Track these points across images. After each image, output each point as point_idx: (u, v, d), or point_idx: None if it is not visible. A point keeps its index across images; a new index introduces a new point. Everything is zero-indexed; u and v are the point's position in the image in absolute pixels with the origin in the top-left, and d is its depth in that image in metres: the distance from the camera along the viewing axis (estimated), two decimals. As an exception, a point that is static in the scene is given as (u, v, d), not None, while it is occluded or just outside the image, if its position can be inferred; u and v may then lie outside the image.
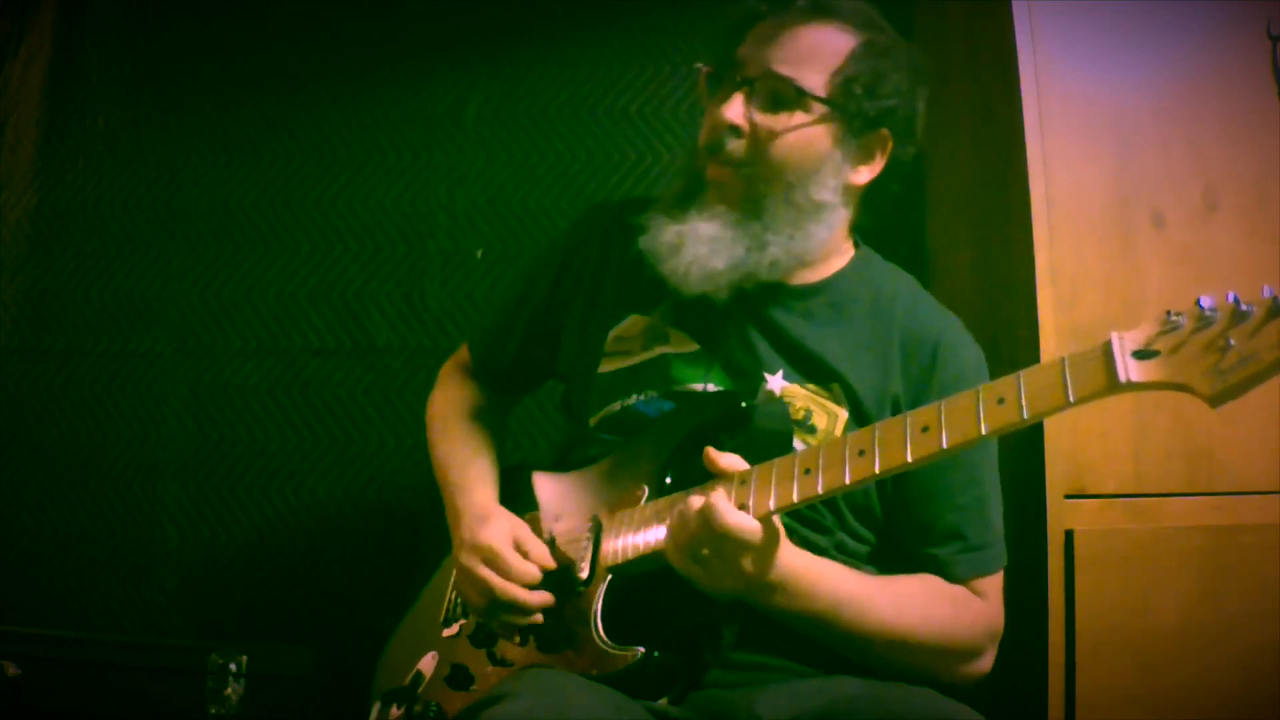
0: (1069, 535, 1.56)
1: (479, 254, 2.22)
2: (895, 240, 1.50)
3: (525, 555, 1.33)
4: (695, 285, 1.36)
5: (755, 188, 1.35)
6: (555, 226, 2.20)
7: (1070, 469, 1.58)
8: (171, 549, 2.24)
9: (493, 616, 1.33)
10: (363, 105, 2.28)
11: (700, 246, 1.34)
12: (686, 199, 1.39)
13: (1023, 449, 1.61)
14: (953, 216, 1.98)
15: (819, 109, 1.33)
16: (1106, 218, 1.63)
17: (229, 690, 1.96)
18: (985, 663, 1.35)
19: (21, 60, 2.39)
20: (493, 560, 1.31)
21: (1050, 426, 1.57)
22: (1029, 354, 1.59)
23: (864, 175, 1.40)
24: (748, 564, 1.17)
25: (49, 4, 2.38)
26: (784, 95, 1.33)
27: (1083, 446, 1.58)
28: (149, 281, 2.32)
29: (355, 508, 2.21)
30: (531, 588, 1.31)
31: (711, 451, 1.24)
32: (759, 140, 1.34)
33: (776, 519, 1.19)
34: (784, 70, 1.32)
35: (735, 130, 1.34)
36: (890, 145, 1.39)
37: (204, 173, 2.32)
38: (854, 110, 1.34)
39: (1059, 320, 1.60)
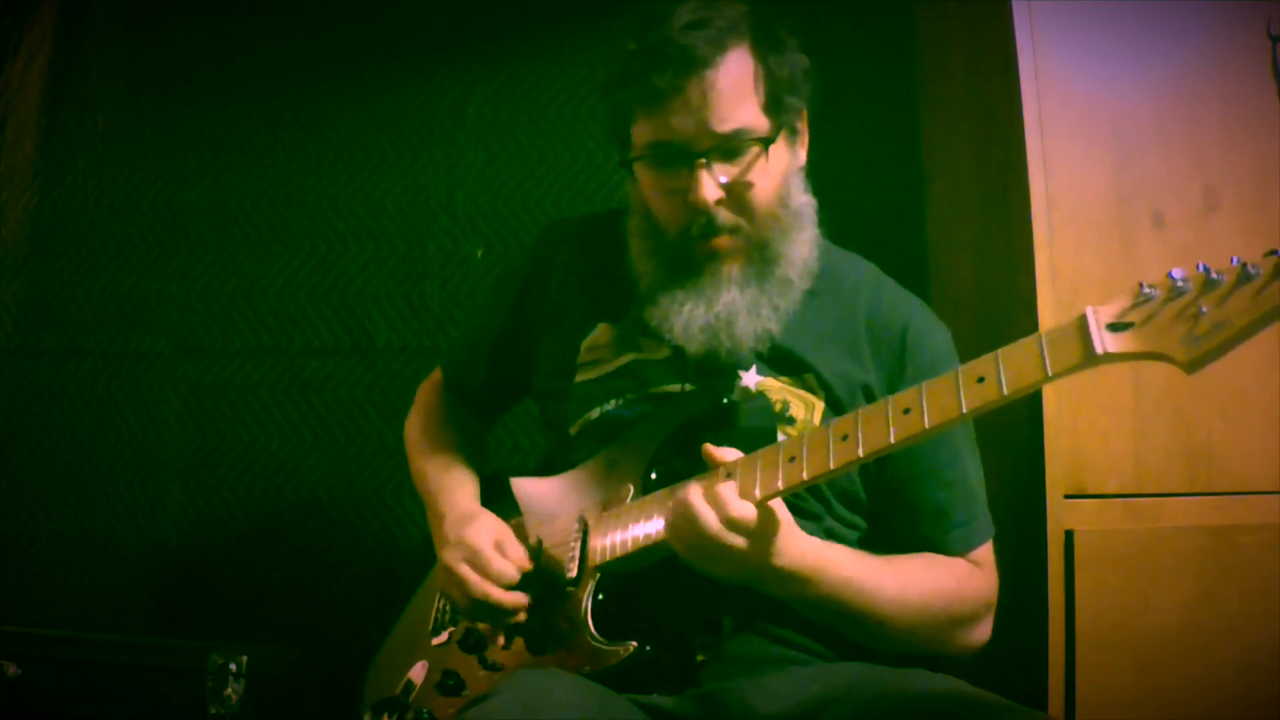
0: (1069, 535, 1.56)
1: (479, 254, 2.23)
2: (895, 240, 1.50)
3: (505, 556, 1.33)
4: (749, 350, 1.36)
5: (758, 235, 1.35)
6: (555, 226, 2.20)
7: (1070, 469, 1.58)
8: (171, 549, 2.24)
9: (474, 616, 1.34)
10: (363, 105, 2.29)
11: (742, 317, 1.34)
12: (684, 277, 1.36)
13: (1023, 449, 1.61)
14: (953, 216, 1.98)
15: (768, 134, 1.33)
16: (1106, 218, 1.63)
17: (229, 690, 1.96)
18: (984, 630, 1.37)
19: (21, 60, 2.39)
20: (474, 559, 1.32)
21: (1050, 426, 1.57)
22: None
23: (803, 155, 1.41)
24: (751, 551, 1.18)
25: (49, 4, 2.39)
26: (738, 148, 1.32)
27: (1083, 446, 1.58)
28: (149, 281, 2.32)
29: (355, 508, 2.21)
30: (512, 589, 1.31)
31: (709, 447, 1.24)
32: (738, 196, 1.33)
33: (780, 507, 1.19)
34: (727, 128, 1.30)
35: (719, 202, 1.32)
36: (805, 111, 1.40)
37: (204, 173, 2.32)
38: (792, 113, 1.36)
39: (1059, 320, 1.59)
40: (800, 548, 1.23)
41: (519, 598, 1.31)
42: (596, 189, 2.21)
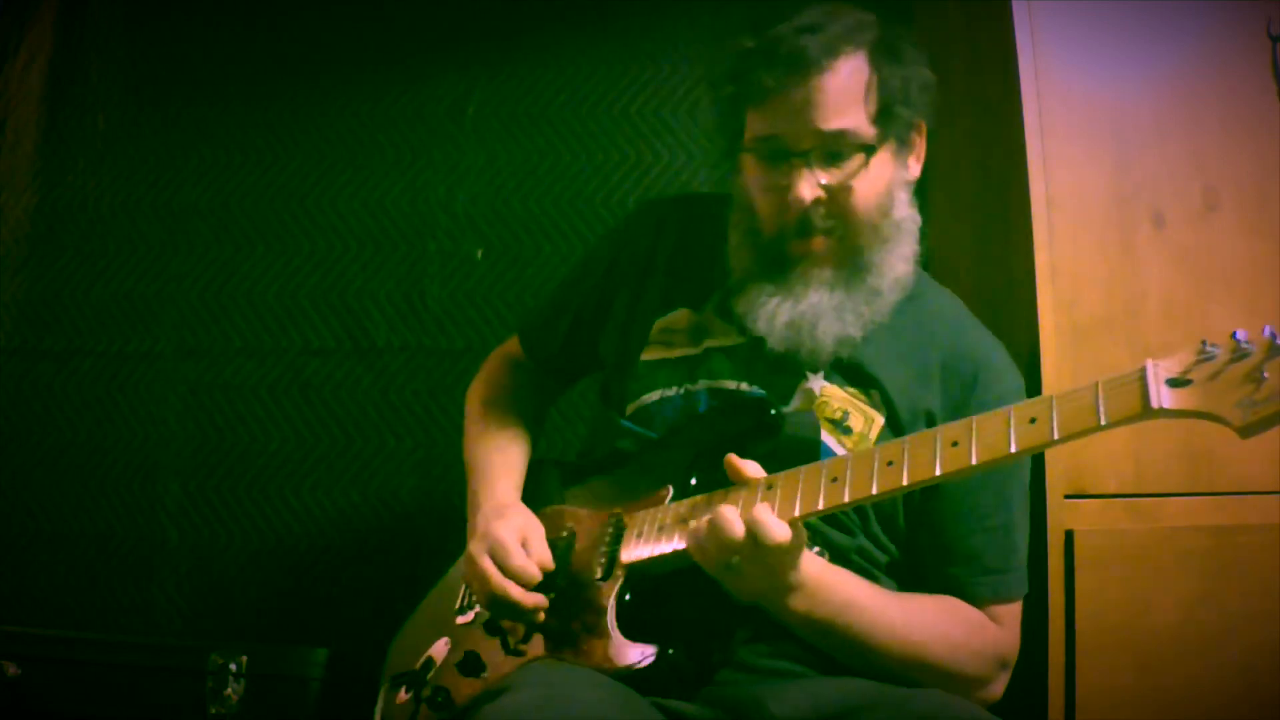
0: (1069, 535, 1.56)
1: (479, 254, 2.23)
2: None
3: (529, 555, 1.33)
4: (829, 352, 1.36)
5: (852, 241, 1.36)
6: (555, 226, 2.20)
7: (1070, 469, 1.58)
8: (171, 549, 2.24)
9: (492, 610, 1.34)
10: (363, 105, 2.29)
11: (825, 319, 1.35)
12: (776, 273, 1.37)
13: (1023, 449, 1.61)
14: (953, 216, 1.98)
15: (878, 141, 1.33)
16: (1106, 218, 1.63)
17: (229, 690, 1.96)
18: (994, 689, 1.35)
19: (21, 60, 2.39)
20: (497, 554, 1.32)
21: (1050, 426, 1.57)
22: (1029, 354, 1.59)
23: (915, 169, 1.42)
24: (776, 566, 1.18)
25: (49, 4, 2.38)
26: (840, 150, 1.32)
27: (1083, 446, 1.58)
28: (149, 281, 2.32)
29: (355, 508, 2.21)
30: (534, 589, 1.31)
31: (734, 459, 1.24)
32: (837, 199, 1.33)
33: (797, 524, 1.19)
34: (830, 128, 1.30)
35: (816, 202, 1.33)
36: (924, 127, 1.41)
37: (204, 173, 2.32)
38: (902, 126, 1.36)
39: (1059, 320, 1.60)
40: (808, 563, 1.23)
41: (537, 598, 1.31)
42: (597, 189, 2.21)
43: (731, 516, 1.16)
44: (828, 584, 1.25)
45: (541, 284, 2.18)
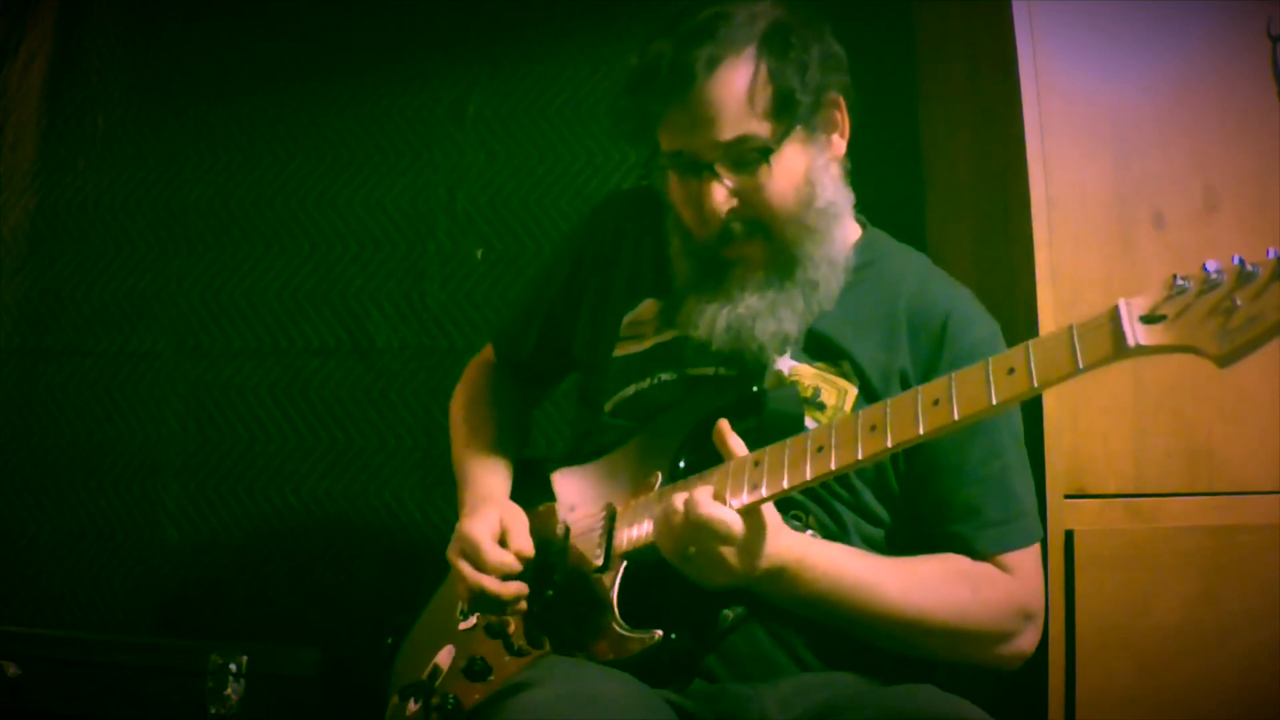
0: (1069, 535, 1.55)
1: (479, 254, 2.23)
2: (895, 240, 1.50)
3: (506, 547, 1.33)
4: (777, 354, 1.36)
5: (780, 238, 1.35)
6: (555, 226, 2.20)
7: (1070, 469, 1.58)
8: (171, 549, 2.24)
9: (476, 608, 1.35)
10: (363, 105, 2.29)
11: (761, 321, 1.34)
12: (713, 278, 1.37)
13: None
14: (953, 216, 1.98)
15: (777, 138, 1.31)
16: (1106, 218, 1.63)
17: (229, 690, 1.96)
18: (1023, 642, 1.32)
19: (21, 60, 2.39)
20: (468, 552, 1.33)
21: (1050, 426, 1.57)
22: (1029, 354, 1.59)
23: (840, 145, 1.40)
24: (732, 558, 1.17)
25: (49, 4, 2.39)
26: (744, 156, 1.31)
27: (1083, 446, 1.58)
28: (149, 281, 2.32)
29: (355, 508, 2.21)
30: (519, 577, 1.31)
31: (724, 427, 1.23)
32: (752, 202, 1.33)
33: (770, 510, 1.19)
34: (728, 137, 1.29)
35: (731, 211, 1.33)
36: (843, 99, 1.38)
37: (204, 173, 2.32)
38: (806, 111, 1.32)
39: (1059, 320, 1.59)
40: (786, 547, 1.21)
41: (515, 588, 1.31)
42: (597, 189, 2.21)
43: (677, 505, 1.16)
44: (811, 564, 1.23)
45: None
